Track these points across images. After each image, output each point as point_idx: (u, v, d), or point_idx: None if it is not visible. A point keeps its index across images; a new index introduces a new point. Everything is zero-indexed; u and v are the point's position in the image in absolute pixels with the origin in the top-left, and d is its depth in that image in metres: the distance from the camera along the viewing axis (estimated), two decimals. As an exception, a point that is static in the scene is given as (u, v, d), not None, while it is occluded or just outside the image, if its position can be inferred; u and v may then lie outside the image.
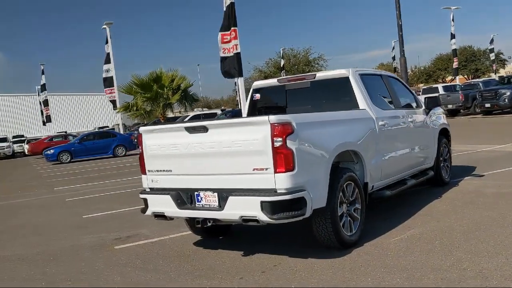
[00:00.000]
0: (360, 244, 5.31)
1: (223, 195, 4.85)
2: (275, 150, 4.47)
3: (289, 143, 4.48)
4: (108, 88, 28.34)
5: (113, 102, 28.36)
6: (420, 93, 31.22)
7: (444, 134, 8.31)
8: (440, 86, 31.24)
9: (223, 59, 15.83)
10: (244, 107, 7.19)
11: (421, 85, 62.94)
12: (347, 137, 5.36)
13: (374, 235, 5.56)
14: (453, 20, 41.31)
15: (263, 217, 4.52)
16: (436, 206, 6.73)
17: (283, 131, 4.45)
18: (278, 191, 4.52)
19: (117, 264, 5.58)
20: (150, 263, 5.46)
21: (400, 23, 43.14)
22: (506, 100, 24.18)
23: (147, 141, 5.37)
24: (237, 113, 25.80)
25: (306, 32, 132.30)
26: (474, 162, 10.24)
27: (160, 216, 5.34)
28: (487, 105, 25.04)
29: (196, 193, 5.07)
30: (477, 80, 37.38)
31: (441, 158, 8.03)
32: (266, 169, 4.54)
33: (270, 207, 4.49)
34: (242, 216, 4.65)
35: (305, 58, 54.59)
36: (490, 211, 6.17)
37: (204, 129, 4.88)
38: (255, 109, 6.88)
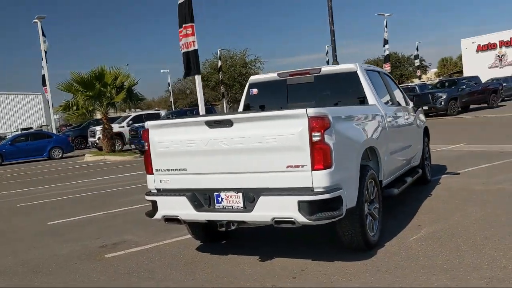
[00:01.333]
0: (381, 244, 5.10)
1: (250, 195, 4.45)
2: (313, 145, 4.14)
3: (327, 138, 4.18)
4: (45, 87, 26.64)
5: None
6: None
7: (425, 132, 8.38)
8: None
9: (183, 55, 15.26)
10: (240, 101, 6.79)
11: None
12: (369, 133, 5.14)
13: (388, 234, 5.38)
14: (386, 26, 42.97)
15: (301, 218, 4.18)
16: (434, 204, 6.69)
17: (321, 125, 4.14)
18: (315, 190, 4.20)
19: (119, 274, 5.01)
20: (157, 272, 4.94)
21: (333, 28, 44.18)
22: (443, 103, 25.35)
23: (156, 137, 4.85)
24: (184, 113, 25.02)
25: (243, 34, 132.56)
26: (441, 161, 10.44)
27: (172, 220, 4.83)
28: (425, 107, 26.09)
29: (216, 193, 4.63)
30: (414, 84, 39.06)
31: (425, 156, 8.07)
32: (303, 166, 4.20)
33: (309, 207, 4.16)
34: (275, 218, 4.28)
35: (242, 59, 54.53)
36: (490, 208, 6.20)
37: (229, 123, 4.45)
38: (253, 105, 6.52)
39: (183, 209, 4.70)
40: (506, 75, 38.51)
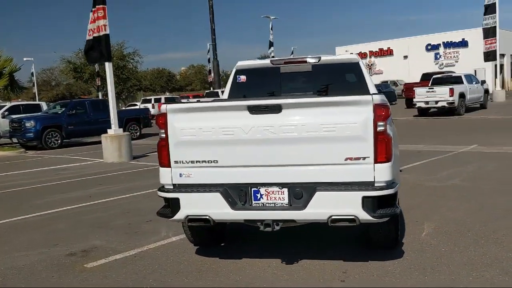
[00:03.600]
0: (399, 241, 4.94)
1: (297, 190, 3.95)
2: (377, 136, 3.79)
3: (389, 129, 3.87)
4: None
5: None
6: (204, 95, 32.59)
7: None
8: None
9: (89, 42, 13.86)
10: (225, 89, 6.16)
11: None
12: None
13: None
14: (272, 29, 44.13)
15: (364, 216, 3.80)
16: (410, 200, 6.72)
17: (386, 114, 3.81)
18: (377, 185, 3.85)
19: (125, 286, 4.15)
20: (169, 282, 4.20)
21: (213, 27, 44.35)
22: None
23: (178, 123, 4.10)
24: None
25: (125, 26, 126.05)
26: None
27: (198, 220, 4.12)
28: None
29: (254, 189, 4.04)
30: None
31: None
32: (364, 158, 3.83)
33: (373, 204, 3.81)
34: (332, 216, 3.84)
35: (119, 51, 51.98)
36: (466, 202, 6.40)
37: (277, 108, 3.90)
38: (241, 93, 5.95)
39: (216, 207, 4.03)
40: (375, 82, 41.80)
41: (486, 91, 26.22)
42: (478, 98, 24.28)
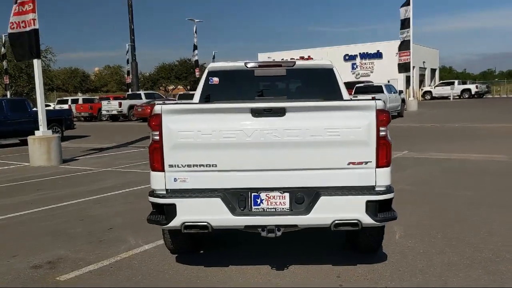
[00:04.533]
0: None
1: (298, 195, 3.90)
2: (379, 140, 3.85)
3: (388, 134, 3.94)
4: None
5: None
6: (176, 98, 32.02)
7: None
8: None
9: (13, 36, 12.89)
10: (196, 91, 5.93)
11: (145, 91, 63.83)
12: None
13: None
14: (196, 32, 43.74)
15: (367, 220, 3.84)
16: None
17: (387, 119, 3.88)
18: (377, 189, 3.91)
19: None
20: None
21: (132, 27, 43.31)
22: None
23: (174, 125, 3.88)
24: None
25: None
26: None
27: (195, 227, 3.91)
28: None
29: (254, 194, 3.93)
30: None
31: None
32: (366, 163, 3.87)
33: (375, 208, 3.86)
34: (336, 220, 3.83)
35: (31, 49, 48.89)
36: (421, 206, 6.71)
37: (281, 112, 3.83)
38: (214, 96, 5.78)
39: (215, 213, 3.86)
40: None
41: (403, 101, 27.87)
42: (396, 107, 25.70)
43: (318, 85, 5.78)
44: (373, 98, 4.13)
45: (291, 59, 8.08)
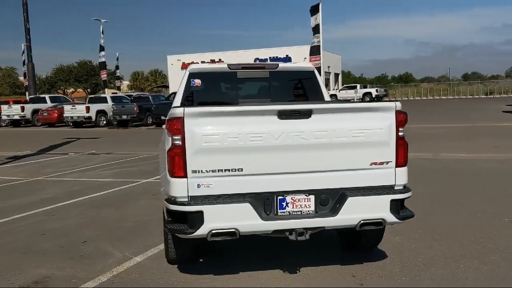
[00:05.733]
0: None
1: (323, 197, 3.90)
2: (398, 140, 3.97)
3: (404, 134, 4.08)
4: None
5: None
6: (86, 102, 30.51)
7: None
8: (108, 97, 31.15)
9: None
10: (177, 94, 5.67)
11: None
12: None
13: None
14: (102, 32, 42.00)
15: (391, 218, 3.94)
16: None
17: (405, 120, 4.02)
18: (396, 188, 4.02)
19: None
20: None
21: (28, 26, 40.77)
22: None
23: (198, 128, 3.69)
24: None
25: None
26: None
27: (224, 234, 3.74)
28: (163, 117, 26.69)
29: (280, 197, 3.86)
30: (148, 93, 39.12)
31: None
32: (387, 163, 3.97)
33: (397, 206, 3.98)
34: (363, 220, 3.88)
35: None
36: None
37: (307, 113, 3.80)
38: (196, 98, 5.61)
39: (245, 219, 3.73)
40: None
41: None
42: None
43: (300, 87, 5.84)
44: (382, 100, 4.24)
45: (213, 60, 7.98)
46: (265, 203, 3.83)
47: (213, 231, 3.71)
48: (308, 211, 3.90)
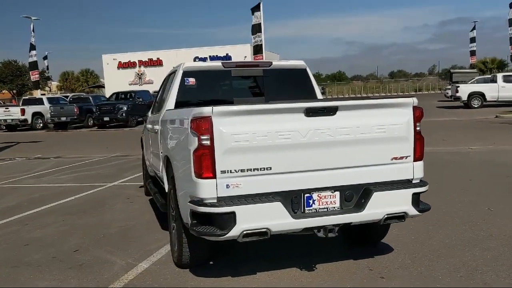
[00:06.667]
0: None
1: (348, 193, 3.93)
2: (416, 135, 4.08)
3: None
4: None
5: None
6: (21, 104, 28.96)
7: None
8: (45, 98, 29.62)
9: None
10: (171, 93, 5.46)
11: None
12: None
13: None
14: (33, 31, 39.84)
15: (412, 211, 4.05)
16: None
17: (421, 115, 4.13)
18: (414, 181, 4.13)
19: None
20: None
21: None
22: (124, 114, 25.70)
23: (227, 128, 3.59)
24: None
25: None
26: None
27: (255, 234, 3.67)
28: (106, 118, 25.87)
29: (307, 195, 3.84)
30: (87, 94, 37.42)
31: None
32: (406, 157, 4.06)
33: (418, 199, 4.10)
34: (387, 214, 3.95)
35: None
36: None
37: (332, 110, 3.81)
38: (191, 97, 5.46)
39: (276, 218, 3.68)
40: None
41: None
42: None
43: (293, 84, 5.85)
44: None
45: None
46: (293, 201, 3.80)
47: (245, 232, 3.64)
48: (334, 207, 3.92)
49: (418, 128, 4.10)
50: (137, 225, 6.26)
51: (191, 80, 5.46)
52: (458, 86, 27.27)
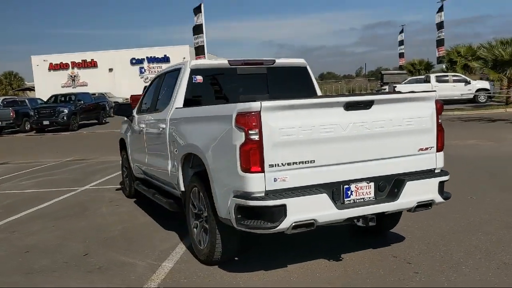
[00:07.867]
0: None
1: (381, 183, 4.12)
2: (438, 127, 4.35)
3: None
4: None
5: None
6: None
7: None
8: None
9: None
10: (178, 91, 5.37)
11: None
12: None
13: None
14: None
15: (439, 199, 4.33)
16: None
17: (442, 108, 4.41)
18: (436, 171, 4.40)
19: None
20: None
21: None
22: (65, 118, 24.71)
23: (275, 122, 3.65)
24: None
25: None
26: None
27: (303, 226, 3.75)
28: (46, 122, 24.75)
29: (346, 186, 3.98)
30: (22, 97, 35.22)
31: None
32: (430, 148, 4.33)
33: (442, 188, 4.37)
34: (417, 202, 4.18)
35: None
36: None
37: (369, 104, 3.98)
38: (199, 94, 5.45)
39: (323, 209, 3.79)
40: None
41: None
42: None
43: (295, 82, 5.98)
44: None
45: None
46: (334, 193, 3.93)
47: (295, 224, 3.72)
48: (369, 197, 4.09)
49: (440, 120, 4.36)
50: (136, 227, 6.13)
51: (199, 78, 5.44)
52: (395, 87, 28.57)
